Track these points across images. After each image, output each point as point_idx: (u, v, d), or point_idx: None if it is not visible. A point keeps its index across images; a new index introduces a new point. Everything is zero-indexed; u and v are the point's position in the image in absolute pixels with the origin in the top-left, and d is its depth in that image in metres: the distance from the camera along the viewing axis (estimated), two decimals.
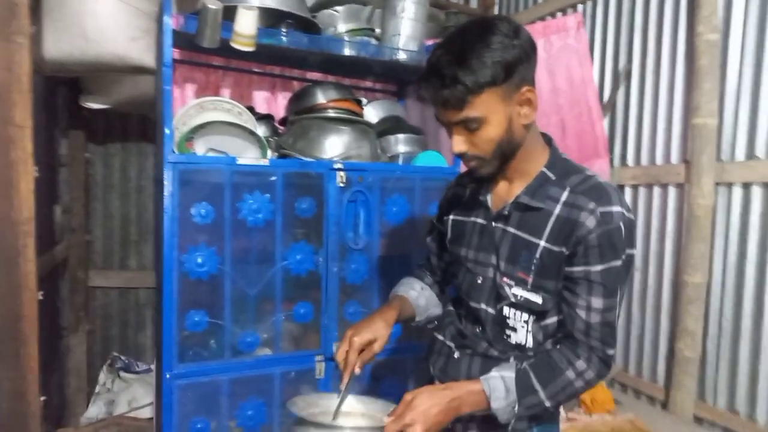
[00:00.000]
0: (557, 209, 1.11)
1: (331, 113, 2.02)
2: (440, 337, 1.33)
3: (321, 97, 2.10)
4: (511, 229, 1.16)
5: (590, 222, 1.06)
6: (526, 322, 1.16)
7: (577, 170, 1.15)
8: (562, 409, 2.25)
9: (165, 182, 1.63)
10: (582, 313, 1.10)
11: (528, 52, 1.06)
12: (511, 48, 1.03)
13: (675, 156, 2.57)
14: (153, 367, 2.95)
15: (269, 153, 1.88)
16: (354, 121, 2.02)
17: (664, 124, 2.62)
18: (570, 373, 1.09)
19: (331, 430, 1.12)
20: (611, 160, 2.85)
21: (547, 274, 1.12)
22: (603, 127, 2.80)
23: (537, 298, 1.13)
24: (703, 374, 2.39)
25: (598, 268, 1.07)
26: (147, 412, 2.71)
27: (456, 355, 1.26)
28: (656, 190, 2.65)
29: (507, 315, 1.17)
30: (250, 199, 1.75)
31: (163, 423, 1.66)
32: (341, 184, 1.86)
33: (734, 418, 2.25)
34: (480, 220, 1.24)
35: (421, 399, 1.05)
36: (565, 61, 2.73)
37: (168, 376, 1.65)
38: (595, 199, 1.08)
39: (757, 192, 2.21)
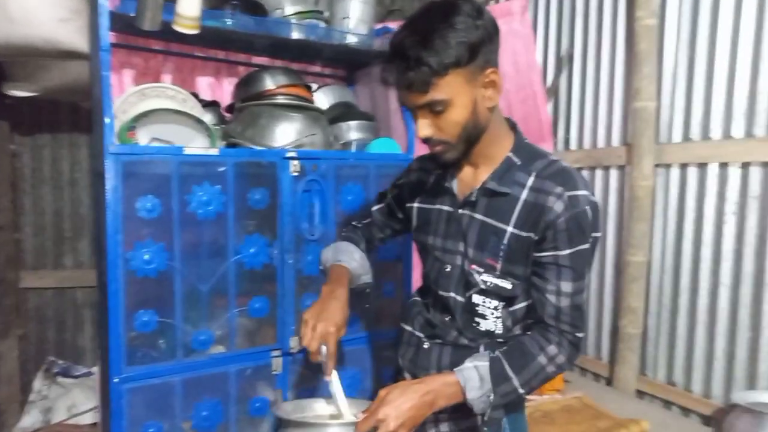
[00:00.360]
0: (524, 194, 1.11)
1: (281, 99, 1.95)
2: (408, 328, 1.32)
3: (270, 83, 2.03)
4: (479, 216, 1.16)
5: (558, 206, 1.07)
6: (496, 308, 1.16)
7: (542, 155, 1.16)
8: None
9: (106, 175, 1.53)
10: (552, 298, 1.11)
11: (491, 34, 1.06)
12: (474, 29, 1.02)
13: (616, 139, 2.65)
14: (94, 370, 2.80)
15: (218, 142, 1.80)
16: (305, 107, 1.96)
17: (606, 107, 2.70)
18: (542, 359, 1.11)
19: (307, 428, 1.09)
20: (555, 144, 2.92)
21: (515, 259, 1.12)
22: (547, 111, 2.86)
23: (506, 284, 1.14)
24: (644, 350, 2.50)
25: (567, 252, 1.09)
26: (88, 418, 2.58)
27: (426, 345, 1.25)
28: (599, 173, 2.74)
29: (476, 302, 1.17)
30: (199, 190, 1.67)
31: (111, 429, 1.57)
32: (295, 173, 1.80)
33: (672, 390, 2.37)
34: (446, 208, 1.22)
35: (394, 394, 1.04)
36: (511, 45, 2.76)
37: (116, 380, 1.56)
38: (562, 184, 1.08)
39: (692, 172, 2.32)
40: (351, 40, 2.15)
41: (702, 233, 2.26)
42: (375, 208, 1.47)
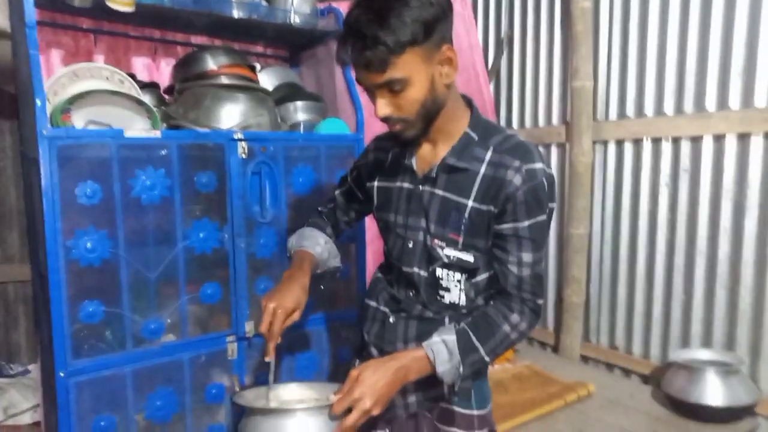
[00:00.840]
0: (482, 169, 1.13)
1: (225, 80, 1.89)
2: (373, 304, 1.32)
3: (211, 63, 1.95)
4: (439, 192, 1.17)
5: (517, 179, 1.09)
6: (459, 281, 1.18)
7: (498, 130, 1.17)
8: None
9: (41, 161, 1.44)
10: (514, 269, 1.14)
11: (445, 10, 1.05)
12: (429, 6, 1.01)
13: (556, 118, 2.74)
14: (31, 368, 2.67)
15: (159, 125, 1.72)
16: (250, 88, 1.91)
17: (545, 87, 2.78)
18: (506, 327, 1.14)
19: (279, 414, 1.07)
20: (498, 123, 2.98)
21: (476, 233, 1.15)
22: (490, 92, 2.91)
23: (469, 257, 1.16)
24: (587, 317, 2.62)
25: (526, 223, 1.11)
26: (27, 418, 2.45)
27: (391, 319, 1.26)
28: (540, 150, 2.81)
29: (440, 276, 1.19)
30: (142, 175, 1.60)
31: (59, 426, 1.50)
32: (243, 156, 1.76)
33: (614, 353, 2.50)
34: (406, 185, 1.23)
35: (367, 373, 1.05)
36: (453, 26, 2.77)
37: (62, 374, 1.49)
38: (520, 157, 1.10)
39: (628, 148, 2.43)
40: (295, 19, 2.11)
41: (638, 205, 2.38)
42: (337, 191, 1.47)
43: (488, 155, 1.13)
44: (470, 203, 1.14)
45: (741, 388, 1.87)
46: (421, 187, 1.19)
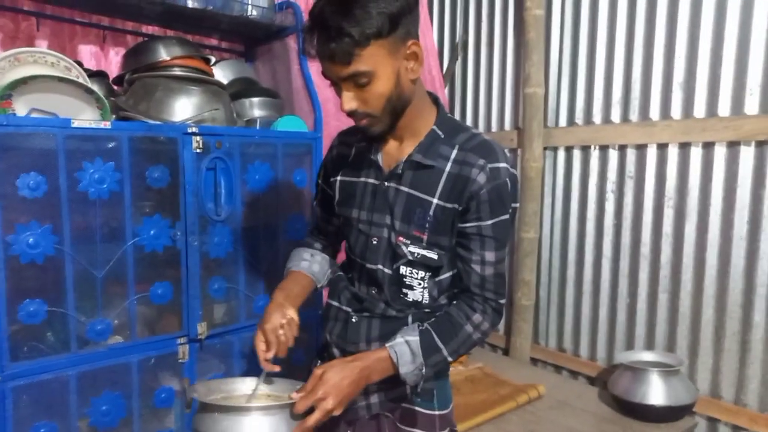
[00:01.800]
0: (448, 167, 1.13)
1: (178, 71, 1.83)
2: (335, 303, 1.30)
3: (164, 54, 1.88)
4: (405, 188, 1.16)
5: (481, 178, 1.09)
6: (422, 279, 1.18)
7: (464, 128, 1.18)
8: None
9: None
10: (477, 268, 1.15)
11: (411, 4, 1.05)
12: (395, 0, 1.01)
13: (508, 123, 2.79)
14: None
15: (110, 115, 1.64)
16: (205, 81, 1.86)
17: (498, 93, 2.84)
18: (468, 327, 1.15)
19: (237, 412, 1.03)
20: None
21: (441, 230, 1.15)
22: (445, 95, 2.94)
23: (433, 255, 1.16)
24: (536, 320, 2.67)
25: (489, 222, 1.12)
26: None
27: (354, 319, 1.24)
28: (505, 151, 2.86)
29: (404, 273, 1.18)
30: (90, 167, 1.52)
31: None
32: (198, 150, 1.70)
33: (562, 356, 2.56)
34: (371, 180, 1.22)
35: (332, 372, 1.04)
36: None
37: None
38: (484, 156, 1.11)
39: (577, 154, 2.50)
40: (252, 12, 2.07)
41: (586, 210, 2.46)
42: (315, 202, 1.43)
43: (454, 153, 1.13)
44: (435, 201, 1.14)
45: (681, 388, 1.95)
46: (386, 183, 1.18)
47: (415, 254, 1.16)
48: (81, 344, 1.54)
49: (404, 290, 1.19)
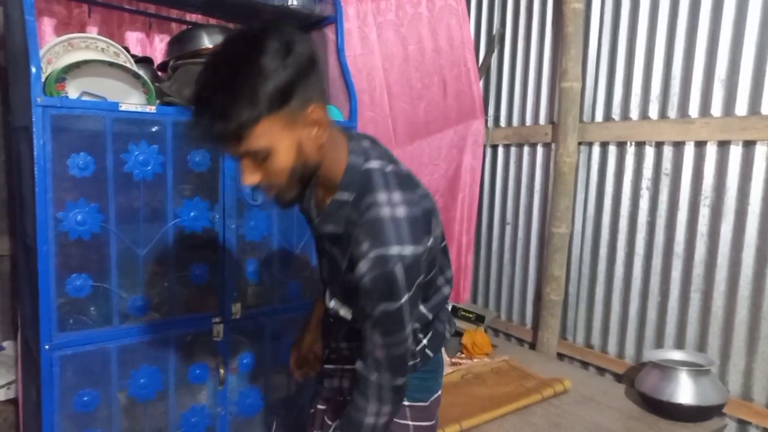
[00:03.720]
0: (356, 231, 1.03)
1: None
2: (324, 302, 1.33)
3: (207, 42, 1.94)
4: (327, 245, 1.14)
5: (363, 266, 0.99)
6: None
7: (372, 189, 1.04)
8: (445, 355, 2.40)
9: (34, 129, 1.41)
10: (369, 346, 1.07)
11: (305, 70, 0.93)
12: (283, 69, 0.90)
13: (543, 117, 2.78)
14: (5, 344, 2.60)
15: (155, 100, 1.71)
16: None
17: (534, 87, 2.82)
18: (369, 419, 1.09)
19: None
20: (486, 121, 3.02)
21: (353, 292, 1.05)
22: (480, 88, 2.94)
23: (347, 314, 1.14)
24: (564, 316, 2.67)
25: (375, 310, 1.02)
26: (1, 395, 2.39)
27: (331, 320, 1.28)
28: (526, 149, 2.86)
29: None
30: (136, 150, 1.58)
31: (41, 400, 1.48)
32: None
33: (590, 352, 2.55)
34: (311, 223, 1.19)
35: None
36: (446, 21, 2.80)
37: (47, 347, 1.47)
38: (371, 238, 0.99)
39: (612, 150, 2.48)
40: (292, 2, 2.10)
41: (620, 207, 2.44)
42: None
43: (360, 221, 1.02)
44: (344, 266, 1.07)
45: (711, 389, 1.93)
46: (318, 230, 1.13)
47: (332, 308, 1.16)
48: (122, 319, 1.61)
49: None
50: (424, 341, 1.22)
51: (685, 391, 1.92)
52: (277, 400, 1.99)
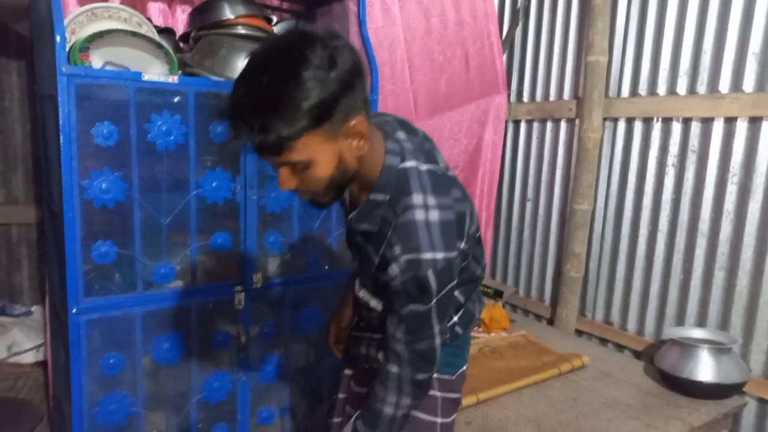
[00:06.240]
0: (390, 233, 1.02)
1: (242, 30, 1.88)
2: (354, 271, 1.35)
3: (228, 12, 1.93)
4: (359, 239, 1.13)
5: (393, 270, 0.99)
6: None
7: (408, 191, 1.02)
8: None
9: (59, 98, 1.43)
10: (391, 342, 1.07)
11: (349, 82, 0.91)
12: (327, 83, 0.87)
13: (567, 92, 2.73)
14: (34, 309, 2.69)
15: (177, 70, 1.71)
16: None
17: (558, 61, 2.77)
18: (388, 409, 1.10)
19: None
20: (509, 96, 2.98)
21: (381, 290, 1.09)
22: (503, 62, 2.89)
23: (378, 305, 1.14)
24: (584, 292, 2.65)
25: (403, 309, 1.03)
26: (30, 357, 2.49)
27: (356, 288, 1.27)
28: (549, 125, 2.82)
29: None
30: (159, 119, 1.60)
31: (70, 362, 1.53)
32: None
33: (609, 329, 2.54)
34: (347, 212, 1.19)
35: None
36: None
37: (74, 311, 1.51)
38: (404, 243, 0.99)
39: (638, 126, 2.43)
40: None
41: (644, 184, 2.40)
42: None
43: (394, 222, 1.02)
44: (377, 261, 1.07)
45: (732, 367, 1.92)
46: (351, 225, 1.13)
47: (363, 298, 1.16)
48: (146, 286, 1.64)
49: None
50: (455, 318, 1.23)
51: (705, 369, 1.91)
52: (296, 368, 2.03)
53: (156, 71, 1.66)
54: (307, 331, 1.98)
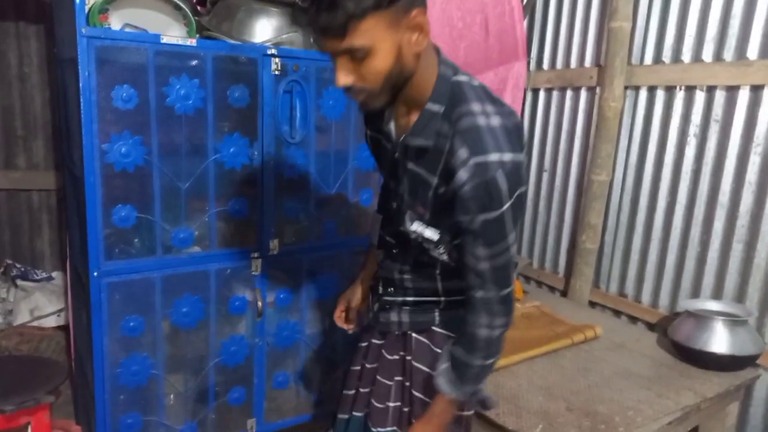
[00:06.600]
0: (447, 146, 1.03)
1: None
2: (385, 235, 1.33)
3: None
4: (410, 165, 1.11)
5: (462, 174, 0.98)
6: (437, 245, 1.15)
7: (464, 99, 1.04)
8: None
9: (79, 60, 1.43)
10: (470, 261, 1.07)
11: None
12: None
13: (589, 59, 2.68)
14: (55, 275, 2.74)
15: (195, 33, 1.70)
16: (285, 3, 1.87)
17: (581, 27, 2.71)
18: (482, 331, 1.11)
19: None
20: (529, 63, 2.92)
21: (442, 210, 1.08)
22: (523, 29, 2.83)
23: (434, 235, 1.12)
24: (599, 264, 2.64)
25: (476, 219, 1.01)
26: (52, 321, 2.54)
27: (394, 250, 1.28)
28: (569, 94, 2.77)
29: (420, 241, 1.17)
30: (177, 83, 1.59)
31: (92, 324, 1.56)
32: (276, 72, 1.74)
33: (623, 301, 2.54)
34: (387, 145, 1.18)
35: None
36: None
37: (96, 274, 1.53)
38: (470, 146, 0.98)
39: (660, 95, 2.38)
40: None
41: (664, 154, 2.36)
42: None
43: (452, 131, 1.02)
44: (435, 181, 1.06)
45: (747, 339, 1.91)
46: (397, 154, 1.13)
47: (417, 231, 1.14)
48: (165, 250, 1.66)
49: (426, 248, 1.18)
50: None
51: (719, 341, 1.90)
52: (311, 334, 2.06)
53: (174, 34, 1.65)
54: (322, 298, 2.00)
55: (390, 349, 1.32)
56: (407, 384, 1.29)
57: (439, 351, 1.23)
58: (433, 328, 1.27)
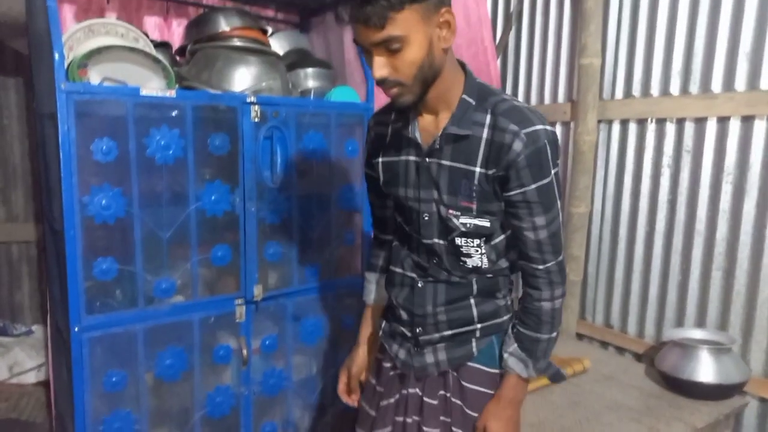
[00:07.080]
0: (485, 133, 1.12)
1: (238, 42, 1.89)
2: (399, 270, 1.33)
3: (224, 25, 1.95)
4: (446, 162, 1.17)
5: (517, 145, 1.08)
6: (479, 246, 1.21)
7: (493, 92, 1.17)
8: None
9: (59, 115, 1.44)
10: (530, 234, 1.16)
11: None
12: None
13: (562, 95, 2.75)
14: (35, 328, 2.68)
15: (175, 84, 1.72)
16: (263, 51, 1.91)
17: (552, 64, 2.78)
18: (547, 305, 1.19)
19: None
20: None
21: (488, 198, 1.16)
22: (497, 66, 2.91)
23: (485, 223, 1.18)
24: (584, 296, 2.66)
25: (532, 187, 1.12)
26: (32, 377, 2.47)
27: (420, 284, 1.28)
28: (537, 111, 2.82)
29: (459, 244, 1.21)
30: (157, 134, 1.60)
31: (73, 380, 1.53)
32: (256, 119, 1.76)
33: (609, 332, 2.55)
34: (413, 158, 1.23)
35: (493, 423, 1.22)
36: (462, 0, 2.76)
37: (76, 329, 1.51)
38: (517, 122, 1.09)
39: (633, 128, 2.44)
40: None
41: (640, 185, 2.41)
42: (369, 194, 1.46)
43: (488, 119, 1.12)
44: (478, 169, 1.14)
45: (732, 367, 1.92)
46: (428, 159, 1.19)
47: (468, 225, 1.18)
48: (147, 301, 1.64)
49: (463, 258, 1.22)
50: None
51: (705, 369, 1.91)
52: (299, 380, 2.03)
53: (154, 86, 1.66)
54: (309, 343, 1.99)
55: (430, 393, 1.30)
56: (454, 429, 1.29)
57: (491, 393, 1.27)
58: (471, 364, 1.28)
